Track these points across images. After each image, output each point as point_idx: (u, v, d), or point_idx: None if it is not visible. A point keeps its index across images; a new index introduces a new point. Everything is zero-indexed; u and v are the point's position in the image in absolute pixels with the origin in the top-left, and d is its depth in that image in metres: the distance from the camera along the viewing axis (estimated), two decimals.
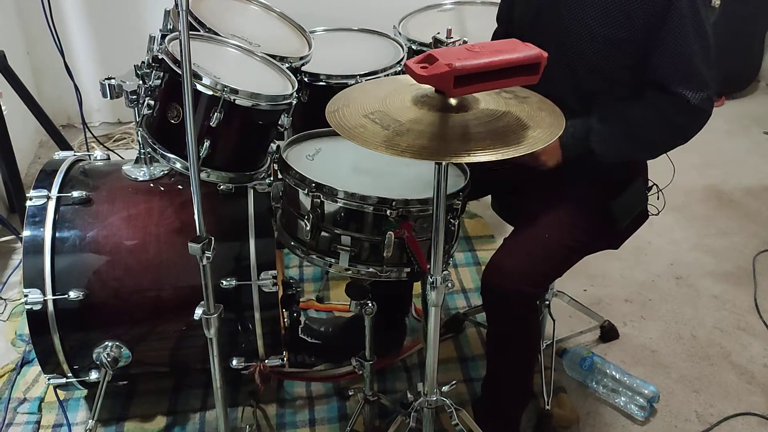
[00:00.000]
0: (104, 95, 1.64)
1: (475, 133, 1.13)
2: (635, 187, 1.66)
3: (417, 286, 2.06)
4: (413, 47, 2.23)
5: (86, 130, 2.66)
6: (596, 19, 1.49)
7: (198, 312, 1.37)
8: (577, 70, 1.54)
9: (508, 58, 1.07)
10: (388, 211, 1.42)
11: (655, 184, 1.75)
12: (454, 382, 1.54)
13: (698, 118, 1.51)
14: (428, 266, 1.31)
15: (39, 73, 3.24)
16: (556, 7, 1.56)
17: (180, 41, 1.20)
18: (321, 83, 2.00)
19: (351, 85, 1.96)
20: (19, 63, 2.80)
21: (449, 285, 1.32)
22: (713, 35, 1.50)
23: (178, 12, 1.17)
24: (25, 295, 1.54)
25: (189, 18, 1.65)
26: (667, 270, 2.48)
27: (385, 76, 2.04)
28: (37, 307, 1.54)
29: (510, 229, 1.70)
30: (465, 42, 1.15)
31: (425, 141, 1.11)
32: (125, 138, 3.33)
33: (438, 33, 1.23)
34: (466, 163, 1.57)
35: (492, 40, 1.84)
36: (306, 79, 1.98)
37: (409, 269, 1.50)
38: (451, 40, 1.15)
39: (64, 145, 2.58)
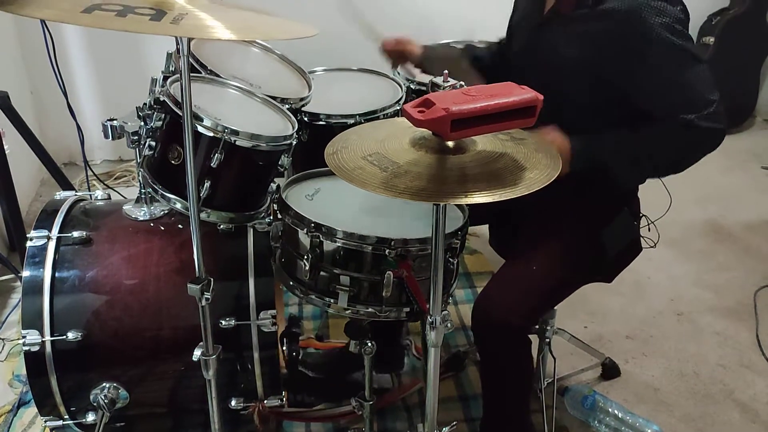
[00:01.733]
0: (106, 136, 1.65)
1: (473, 174, 1.14)
2: (622, 217, 1.67)
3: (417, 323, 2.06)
4: (411, 86, 2.27)
5: (87, 169, 2.68)
6: (573, 58, 1.53)
7: (197, 353, 1.37)
8: (562, 108, 1.56)
9: (503, 102, 1.08)
10: (387, 251, 1.43)
11: (644, 215, 1.75)
12: (454, 422, 1.53)
13: (711, 136, 1.50)
14: (428, 306, 1.31)
15: (42, 112, 3.28)
16: (538, 45, 1.62)
17: (181, 84, 1.21)
18: (321, 123, 2.02)
19: (350, 124, 1.99)
20: (23, 102, 2.84)
21: (449, 325, 1.31)
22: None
23: (180, 55, 1.19)
24: (23, 336, 1.53)
25: (191, 60, 1.68)
26: (667, 306, 2.48)
27: (384, 115, 2.06)
28: (35, 348, 1.53)
29: None
30: (461, 86, 1.16)
31: (423, 182, 1.12)
32: (126, 175, 3.35)
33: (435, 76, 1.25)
34: None
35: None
36: (306, 119, 2.01)
37: (408, 309, 1.50)
38: (448, 83, 1.16)
39: (65, 184, 2.60)
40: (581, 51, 1.53)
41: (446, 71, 1.21)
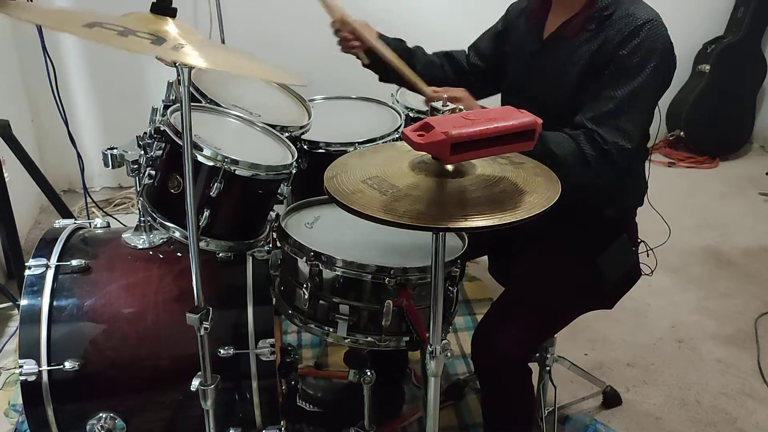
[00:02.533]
0: (106, 165, 1.65)
1: (472, 198, 1.15)
2: (621, 242, 1.67)
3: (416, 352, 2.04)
4: (410, 114, 2.28)
5: (87, 196, 2.68)
6: (575, 77, 1.55)
7: (195, 383, 1.36)
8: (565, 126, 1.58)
9: (503, 126, 1.09)
10: (387, 279, 1.42)
11: (643, 241, 1.75)
12: None
13: (606, 159, 1.49)
14: (427, 335, 1.31)
15: (43, 140, 3.29)
16: (540, 68, 1.64)
17: (181, 113, 1.22)
18: (320, 150, 2.03)
19: (350, 152, 2.00)
20: (24, 131, 2.85)
21: (449, 354, 1.31)
22: (702, 99, 1.54)
23: (180, 84, 1.20)
24: (20, 366, 1.52)
25: (191, 89, 1.69)
26: (668, 333, 2.46)
27: (383, 143, 2.07)
28: (32, 378, 1.51)
29: None
30: (461, 110, 1.17)
31: (423, 206, 1.12)
32: (126, 203, 3.36)
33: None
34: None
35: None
36: (305, 147, 2.01)
37: (408, 338, 1.49)
38: (447, 108, 1.17)
39: (65, 212, 2.60)
40: (582, 70, 1.54)
41: (446, 95, 1.23)
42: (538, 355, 1.89)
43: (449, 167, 1.20)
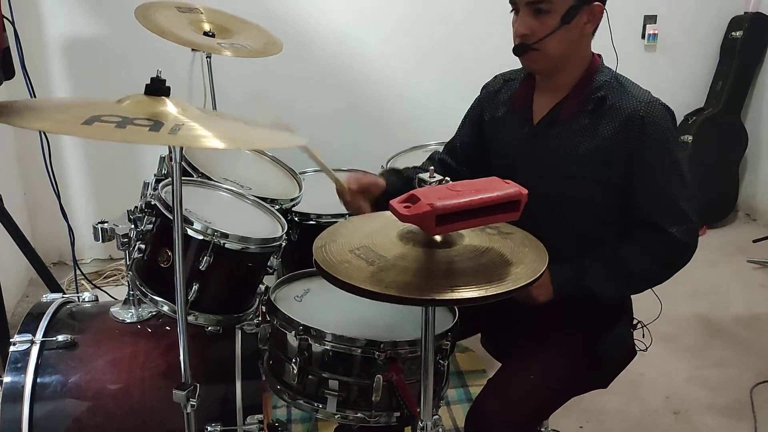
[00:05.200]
0: (96, 239, 1.66)
1: (460, 269, 1.15)
2: (621, 327, 1.67)
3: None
4: None
5: (76, 269, 2.67)
6: (577, 162, 1.54)
7: None
8: (563, 212, 1.58)
9: (488, 197, 1.10)
10: (377, 354, 1.41)
11: (639, 321, 1.75)
12: None
13: (685, 252, 1.55)
14: (418, 410, 1.28)
15: (34, 213, 3.30)
16: (534, 153, 1.61)
17: (172, 188, 1.24)
18: (311, 222, 2.05)
19: (341, 222, 2.01)
20: (16, 203, 2.87)
21: (440, 430, 1.28)
22: (690, 169, 1.56)
23: (172, 161, 1.22)
24: None
25: (183, 163, 1.72)
26: (663, 404, 2.43)
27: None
28: None
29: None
30: (447, 181, 1.19)
31: (409, 277, 1.11)
32: (116, 274, 3.34)
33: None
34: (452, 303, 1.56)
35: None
36: (296, 219, 2.03)
37: (399, 413, 1.46)
38: (435, 179, 1.19)
39: (53, 285, 2.57)
40: (585, 155, 1.53)
41: (432, 167, 1.25)
42: None
43: (437, 237, 1.20)
